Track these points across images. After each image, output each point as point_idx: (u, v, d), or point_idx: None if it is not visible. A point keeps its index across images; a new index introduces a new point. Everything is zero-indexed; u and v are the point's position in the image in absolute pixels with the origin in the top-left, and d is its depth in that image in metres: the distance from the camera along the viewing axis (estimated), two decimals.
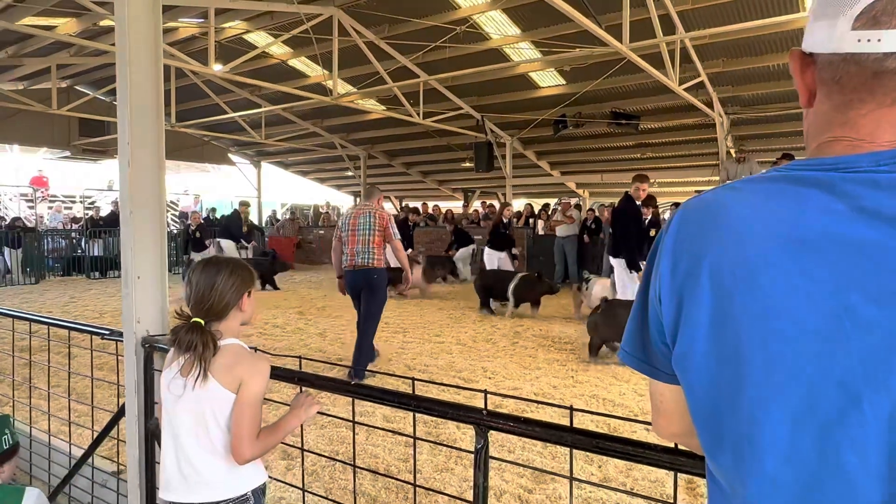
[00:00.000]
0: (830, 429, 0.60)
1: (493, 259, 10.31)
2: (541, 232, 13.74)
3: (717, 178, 11.74)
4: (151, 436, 2.24)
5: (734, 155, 11.23)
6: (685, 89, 9.63)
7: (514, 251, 10.93)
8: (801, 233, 0.63)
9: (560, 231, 12.28)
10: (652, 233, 7.32)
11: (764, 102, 11.50)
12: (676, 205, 11.02)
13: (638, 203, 7.09)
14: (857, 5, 0.65)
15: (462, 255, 13.01)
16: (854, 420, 0.59)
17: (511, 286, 8.45)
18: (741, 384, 0.65)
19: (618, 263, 7.08)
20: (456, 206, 19.49)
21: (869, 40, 0.65)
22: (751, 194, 0.70)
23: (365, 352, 5.26)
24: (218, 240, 12.31)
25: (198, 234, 12.15)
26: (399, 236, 5.51)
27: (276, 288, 11.43)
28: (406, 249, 9.28)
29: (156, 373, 2.26)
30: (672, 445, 1.10)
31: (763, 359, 0.63)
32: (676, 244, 0.73)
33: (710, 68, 10.34)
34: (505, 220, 10.45)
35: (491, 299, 8.87)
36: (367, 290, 5.25)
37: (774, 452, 0.63)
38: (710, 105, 11.12)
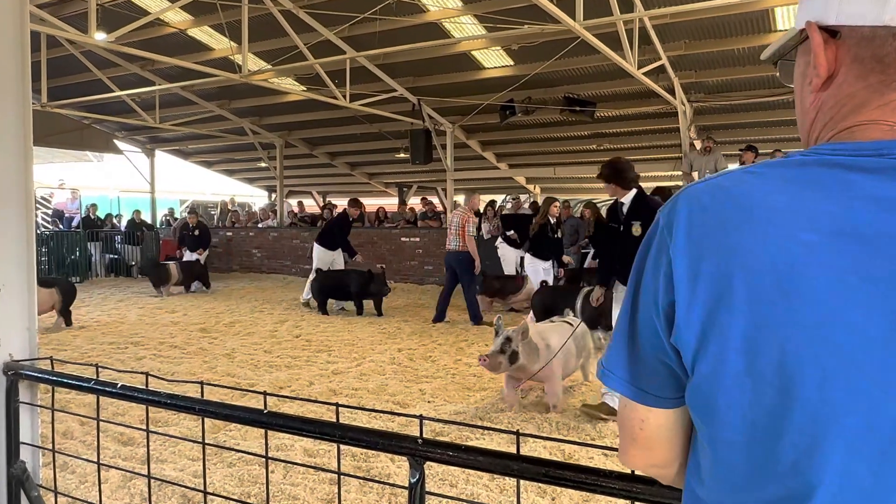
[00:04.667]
0: (893, 452, 0.60)
1: (538, 270, 9.20)
2: (486, 235, 13.13)
3: (680, 171, 12.24)
4: (17, 483, 2.12)
5: (698, 146, 11.71)
6: (644, 73, 9.98)
7: (566, 259, 9.97)
8: (851, 226, 0.62)
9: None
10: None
11: (729, 90, 12.06)
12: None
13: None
14: None
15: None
16: None
17: (579, 303, 7.33)
18: (787, 406, 0.63)
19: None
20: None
21: None
22: (781, 181, 0.68)
23: (472, 302, 8.96)
24: (314, 244, 10.87)
25: None
26: (473, 233, 8.97)
27: (360, 313, 9.94)
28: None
29: (21, 406, 2.15)
30: (629, 472, 1.13)
31: (814, 375, 0.62)
32: (692, 242, 0.69)
33: (672, 51, 10.75)
34: (553, 220, 9.28)
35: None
36: (459, 267, 8.89)
37: (828, 482, 0.62)
38: (671, 91, 11.56)
